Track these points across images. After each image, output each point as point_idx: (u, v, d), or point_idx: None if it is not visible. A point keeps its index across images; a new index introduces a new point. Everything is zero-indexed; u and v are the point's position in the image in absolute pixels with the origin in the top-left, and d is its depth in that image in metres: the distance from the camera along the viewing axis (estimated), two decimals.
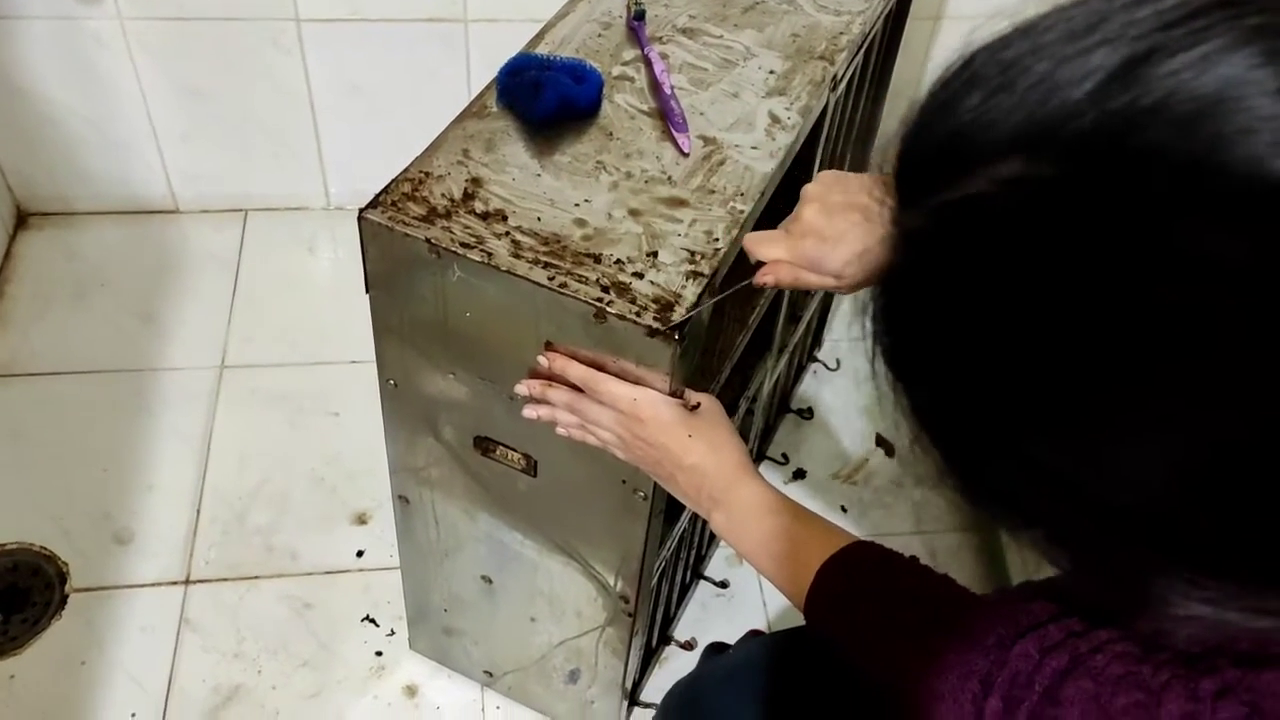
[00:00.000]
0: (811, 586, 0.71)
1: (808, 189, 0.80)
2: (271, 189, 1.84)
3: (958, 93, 0.38)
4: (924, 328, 0.40)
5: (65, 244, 1.78)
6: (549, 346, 0.83)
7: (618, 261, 0.82)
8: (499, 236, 0.83)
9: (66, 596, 1.36)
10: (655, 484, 0.87)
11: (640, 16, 1.04)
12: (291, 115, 1.73)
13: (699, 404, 0.83)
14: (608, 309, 0.78)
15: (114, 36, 1.59)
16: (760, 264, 0.82)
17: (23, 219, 1.80)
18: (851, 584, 0.70)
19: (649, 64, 0.99)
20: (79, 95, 1.66)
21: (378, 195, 0.85)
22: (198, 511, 1.46)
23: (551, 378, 0.84)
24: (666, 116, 0.94)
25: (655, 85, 0.97)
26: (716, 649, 1.10)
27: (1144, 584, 0.38)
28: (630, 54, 1.01)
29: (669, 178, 0.90)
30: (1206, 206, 0.31)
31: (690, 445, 0.80)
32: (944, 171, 0.37)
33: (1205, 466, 0.34)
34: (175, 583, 1.39)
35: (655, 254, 0.83)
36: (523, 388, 0.86)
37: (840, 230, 0.76)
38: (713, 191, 0.89)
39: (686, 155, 0.92)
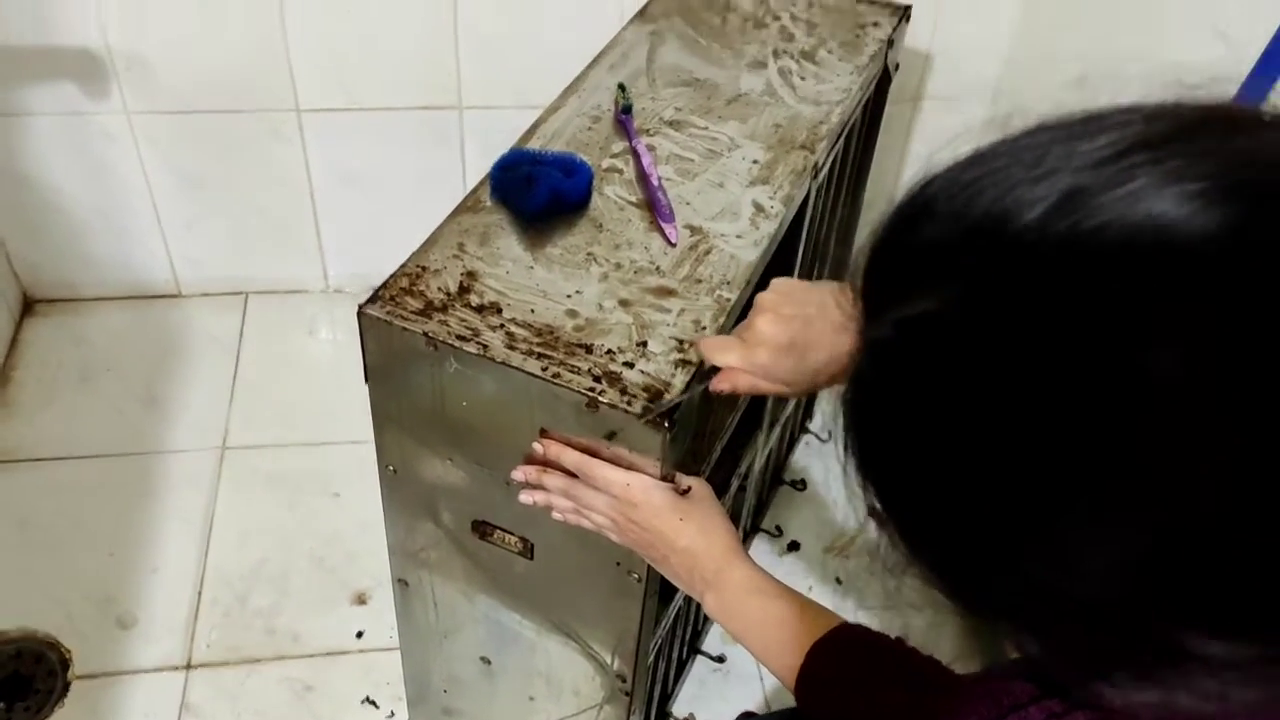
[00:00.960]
0: (801, 669, 0.73)
1: (762, 298, 0.82)
2: (272, 272, 1.88)
3: (918, 213, 0.41)
4: (889, 433, 0.42)
5: (71, 329, 1.82)
6: (544, 433, 0.86)
7: (609, 351, 0.85)
8: (494, 329, 0.86)
9: (69, 684, 1.36)
10: (649, 566, 0.90)
11: (628, 110, 1.09)
12: (291, 201, 1.78)
13: (689, 488, 0.85)
14: (600, 398, 0.81)
15: (121, 130, 1.65)
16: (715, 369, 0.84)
17: (29, 306, 1.83)
18: (840, 667, 0.72)
19: (636, 156, 1.03)
20: (86, 186, 1.71)
21: (376, 290, 0.88)
22: (199, 594, 1.47)
23: (546, 463, 0.87)
24: (654, 207, 0.98)
25: (643, 176, 1.01)
26: None
27: (1101, 668, 0.40)
28: (619, 146, 1.06)
29: (657, 268, 0.93)
30: (1140, 321, 0.34)
31: (681, 529, 0.82)
32: (904, 286, 0.40)
33: (1159, 557, 0.36)
34: (177, 668, 1.39)
35: (645, 343, 0.86)
36: (519, 474, 0.89)
37: (790, 341, 0.79)
38: (700, 280, 0.92)
39: (674, 245, 0.95)
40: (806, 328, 0.80)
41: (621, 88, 1.11)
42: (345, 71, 1.64)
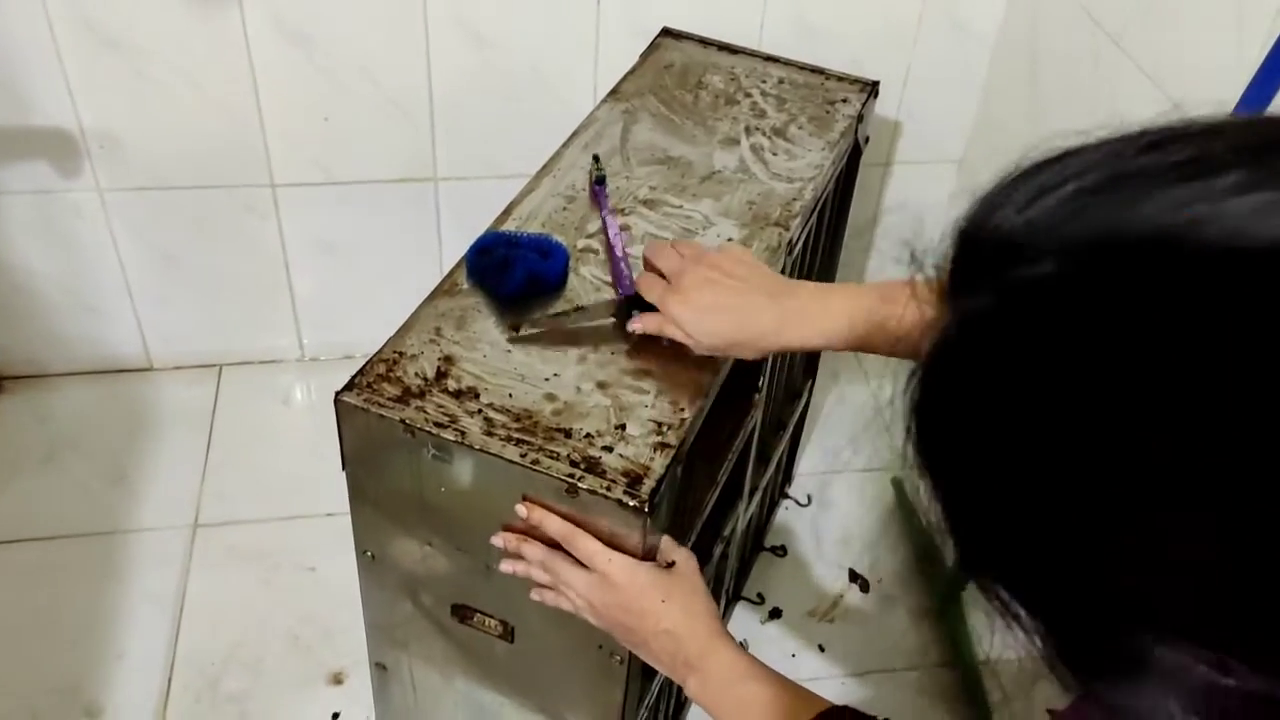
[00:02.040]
0: None
1: (713, 257, 0.89)
2: (246, 343, 1.87)
3: (1036, 183, 0.40)
4: (976, 410, 0.40)
5: (37, 406, 1.79)
6: (526, 498, 0.85)
7: (587, 435, 0.85)
8: (471, 415, 0.85)
9: None
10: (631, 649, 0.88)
11: (601, 181, 1.10)
12: (266, 273, 1.78)
13: (674, 562, 0.85)
14: (579, 484, 0.81)
15: (92, 207, 1.64)
16: (632, 314, 0.91)
17: None
18: None
19: (605, 227, 1.04)
20: (56, 263, 1.70)
21: (353, 378, 0.88)
22: (169, 679, 1.44)
23: (528, 531, 0.86)
24: (616, 279, 0.99)
25: (608, 248, 1.02)
26: None
27: (1124, 675, 0.39)
28: (594, 226, 1.06)
29: (626, 337, 0.93)
30: (1251, 300, 0.34)
31: (664, 611, 0.81)
32: (1016, 253, 0.39)
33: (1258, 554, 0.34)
34: None
35: (623, 426, 0.86)
36: (498, 540, 0.87)
37: (714, 303, 0.86)
38: (676, 360, 0.93)
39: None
40: (735, 295, 0.86)
41: (596, 159, 1.13)
42: (320, 146, 1.65)
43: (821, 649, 1.56)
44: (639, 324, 0.91)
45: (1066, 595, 0.39)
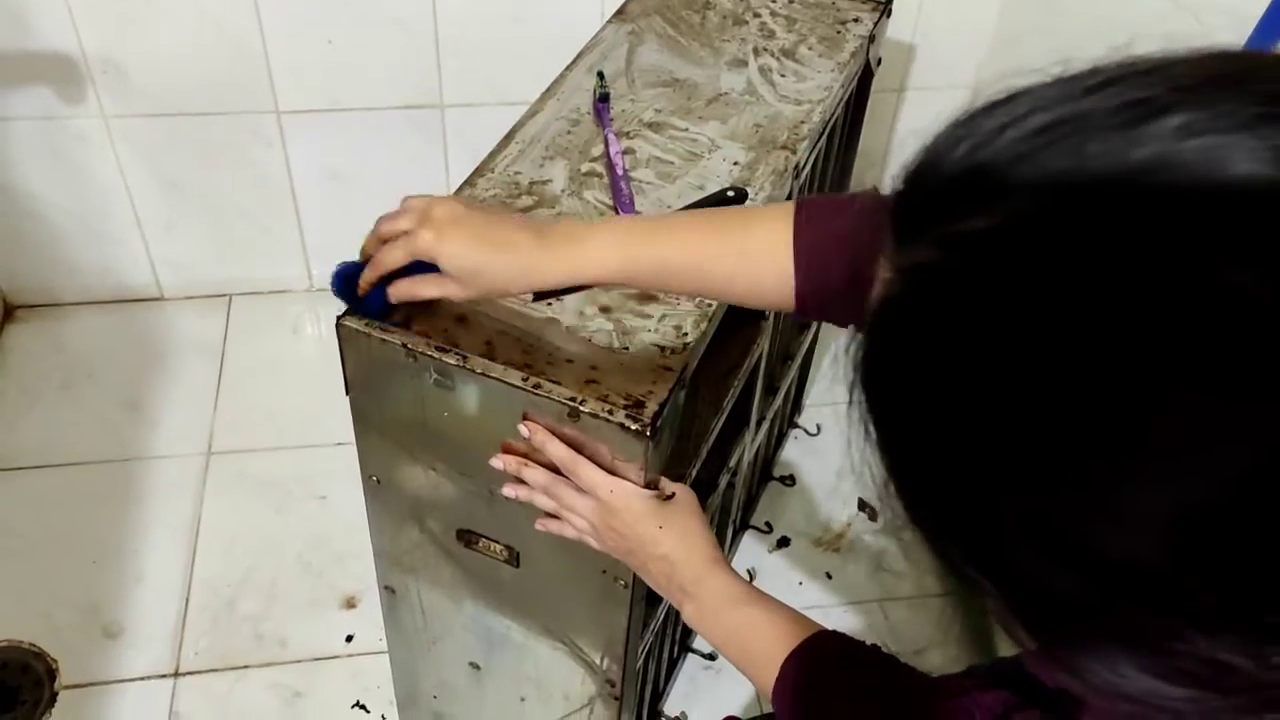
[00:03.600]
0: (777, 679, 0.73)
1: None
2: (255, 273, 1.87)
3: (981, 127, 0.38)
4: (922, 366, 0.38)
5: (52, 335, 1.80)
6: (527, 417, 0.84)
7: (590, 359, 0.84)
8: (474, 338, 0.85)
9: (56, 694, 1.36)
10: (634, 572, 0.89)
11: (605, 99, 1.08)
12: (273, 202, 1.77)
13: (673, 494, 0.85)
14: (581, 408, 0.81)
15: (98, 134, 1.63)
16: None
17: (9, 312, 1.82)
18: (815, 677, 0.72)
19: (606, 144, 1.03)
20: (64, 191, 1.69)
21: None
22: (186, 601, 1.47)
23: (529, 456, 0.86)
24: (615, 196, 0.98)
25: (609, 165, 1.01)
26: None
27: (1102, 642, 0.38)
28: (598, 150, 1.05)
29: None
30: (1222, 238, 0.33)
31: (661, 537, 0.82)
32: (952, 206, 0.37)
33: (1215, 508, 0.33)
34: (164, 675, 1.39)
35: (626, 349, 0.86)
36: (498, 462, 0.87)
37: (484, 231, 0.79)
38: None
39: None
40: (500, 223, 0.79)
41: (600, 76, 1.11)
42: (325, 72, 1.63)
43: (829, 577, 1.57)
44: (402, 289, 0.81)
45: (1017, 554, 0.38)
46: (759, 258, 0.76)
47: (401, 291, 0.82)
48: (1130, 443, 0.34)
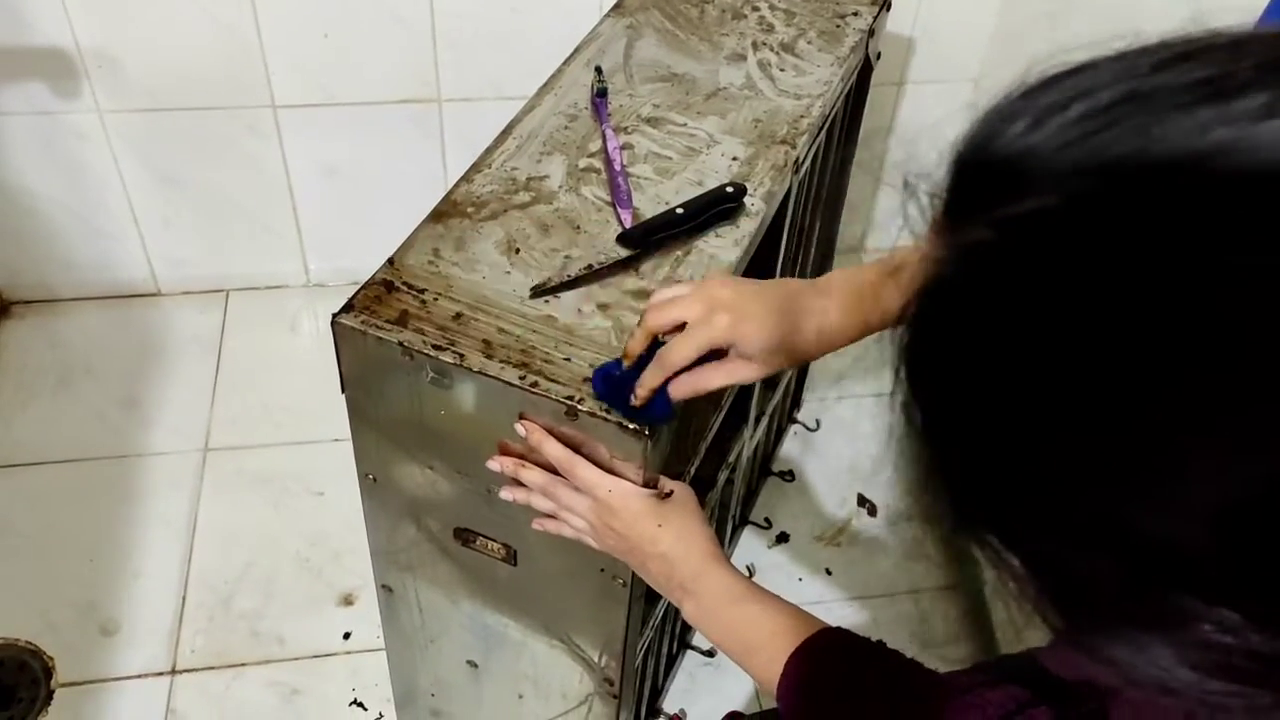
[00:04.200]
0: (781, 677, 0.72)
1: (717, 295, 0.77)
2: (252, 269, 1.86)
3: (1039, 103, 0.37)
4: (975, 349, 0.37)
5: (49, 331, 1.79)
6: (524, 417, 0.84)
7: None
8: (470, 337, 0.84)
9: (53, 692, 1.35)
10: (633, 571, 0.89)
11: (603, 94, 1.07)
12: (270, 197, 1.76)
13: (671, 492, 0.84)
14: (579, 406, 0.80)
15: (93, 129, 1.62)
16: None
17: (5, 308, 1.81)
18: (819, 674, 0.71)
19: (604, 139, 1.02)
20: (60, 186, 1.68)
21: (350, 299, 0.87)
22: (183, 598, 1.46)
23: (525, 456, 0.85)
24: (613, 192, 0.97)
25: (607, 160, 1.00)
26: None
27: (1120, 621, 0.37)
28: (595, 145, 1.04)
29: (636, 269, 0.92)
30: (1269, 223, 0.32)
31: (659, 535, 0.81)
32: (1007, 186, 0.36)
33: (1266, 501, 0.33)
34: (161, 673, 1.38)
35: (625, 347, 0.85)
36: (495, 464, 0.86)
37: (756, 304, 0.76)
38: (679, 282, 0.91)
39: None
40: (763, 291, 0.77)
41: (598, 70, 1.10)
42: (321, 66, 1.62)
43: (829, 573, 1.56)
44: (689, 383, 0.76)
45: (1064, 540, 0.37)
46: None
47: (685, 389, 0.76)
48: (1185, 432, 0.33)
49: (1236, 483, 0.33)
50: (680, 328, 0.77)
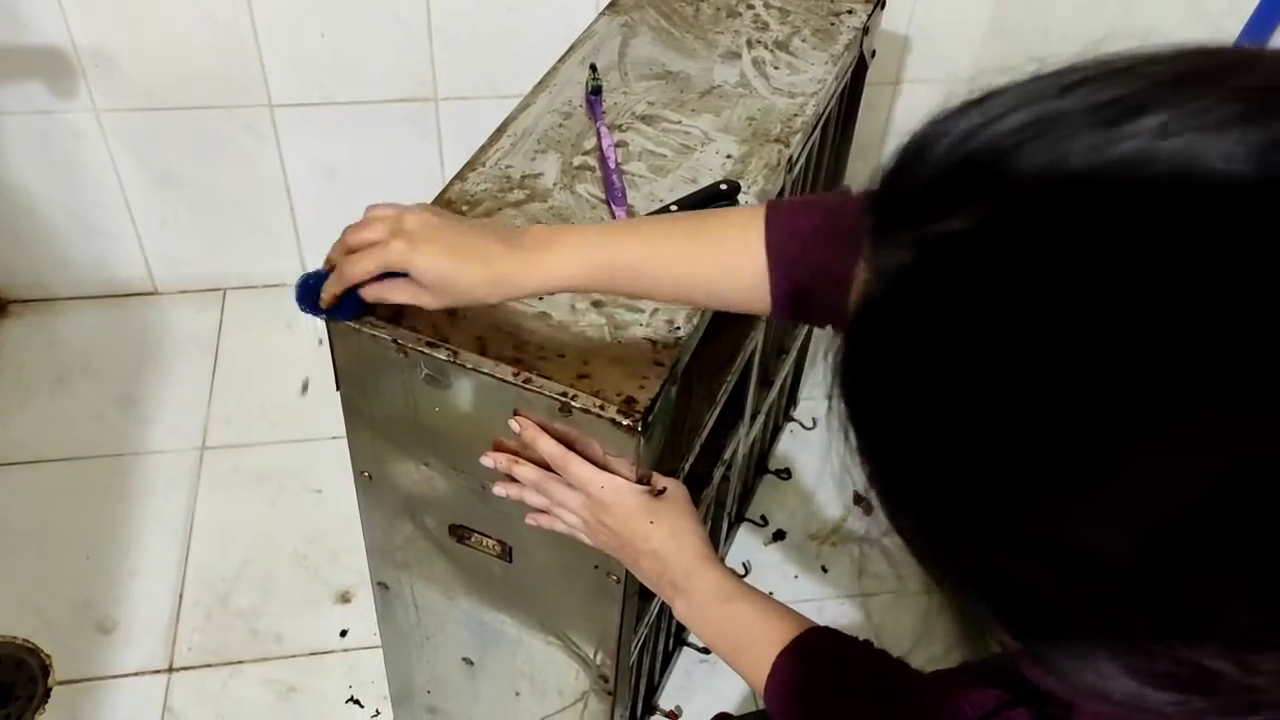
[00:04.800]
0: (769, 677, 0.73)
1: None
2: (249, 267, 1.86)
3: (956, 126, 0.37)
4: (900, 370, 0.38)
5: (46, 331, 1.80)
6: (517, 413, 0.84)
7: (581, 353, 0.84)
8: (464, 333, 0.85)
9: (50, 690, 1.35)
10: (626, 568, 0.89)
11: (597, 91, 1.08)
12: (267, 196, 1.76)
13: (664, 489, 0.85)
14: (573, 403, 0.80)
15: (90, 128, 1.62)
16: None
17: (3, 307, 1.81)
18: (808, 674, 0.72)
19: (599, 137, 1.02)
20: (57, 186, 1.69)
21: None
22: (180, 596, 1.46)
23: (519, 452, 0.86)
24: (607, 189, 0.97)
25: (601, 158, 1.00)
26: None
27: (1084, 645, 0.38)
28: (590, 143, 1.04)
29: None
30: (1202, 239, 0.32)
31: (651, 532, 0.81)
32: (925, 208, 0.37)
33: (1192, 514, 0.33)
34: (158, 671, 1.39)
35: (618, 344, 0.85)
36: (489, 460, 0.87)
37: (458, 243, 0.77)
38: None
39: None
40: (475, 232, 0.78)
41: (593, 68, 1.10)
42: (318, 65, 1.62)
43: (824, 570, 1.57)
44: (374, 291, 0.79)
45: (999, 556, 0.37)
46: (733, 259, 0.75)
47: (373, 294, 0.80)
48: (1109, 448, 0.33)
49: (1158, 499, 0.33)
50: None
